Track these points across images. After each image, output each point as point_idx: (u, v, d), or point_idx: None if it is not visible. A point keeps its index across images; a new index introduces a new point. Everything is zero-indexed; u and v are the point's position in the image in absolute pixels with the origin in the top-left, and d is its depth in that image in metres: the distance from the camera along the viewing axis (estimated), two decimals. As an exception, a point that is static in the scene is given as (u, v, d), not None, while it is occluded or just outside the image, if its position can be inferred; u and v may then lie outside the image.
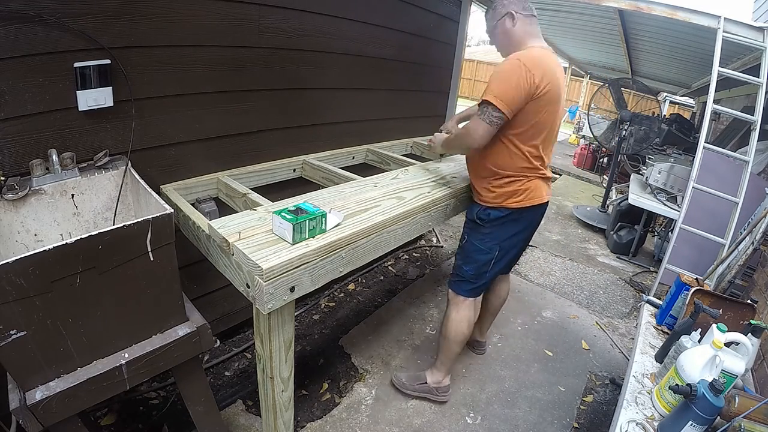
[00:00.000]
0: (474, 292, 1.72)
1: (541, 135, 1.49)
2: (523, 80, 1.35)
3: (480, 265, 1.64)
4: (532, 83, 1.36)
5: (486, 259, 1.63)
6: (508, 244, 1.64)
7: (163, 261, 1.03)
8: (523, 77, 1.35)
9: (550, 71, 1.41)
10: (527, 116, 1.43)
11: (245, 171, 1.78)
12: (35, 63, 1.14)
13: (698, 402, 0.96)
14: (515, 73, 1.36)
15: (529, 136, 1.47)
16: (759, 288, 1.87)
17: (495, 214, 1.58)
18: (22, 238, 1.16)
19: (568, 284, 3.07)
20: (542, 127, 1.47)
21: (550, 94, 1.40)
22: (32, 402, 0.88)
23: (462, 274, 1.69)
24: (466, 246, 1.68)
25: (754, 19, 4.17)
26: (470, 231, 1.67)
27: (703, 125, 2.50)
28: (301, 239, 1.13)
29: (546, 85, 1.38)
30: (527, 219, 1.62)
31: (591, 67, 8.71)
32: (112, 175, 1.29)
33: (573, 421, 1.85)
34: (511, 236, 1.63)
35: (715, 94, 2.52)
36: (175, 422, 1.58)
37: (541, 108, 1.42)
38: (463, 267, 1.68)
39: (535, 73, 1.35)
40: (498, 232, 1.61)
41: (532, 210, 1.59)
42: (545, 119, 1.46)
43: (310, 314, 2.34)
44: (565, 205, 4.94)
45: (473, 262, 1.65)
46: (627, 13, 3.68)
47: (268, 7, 1.64)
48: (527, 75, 1.35)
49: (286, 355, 1.22)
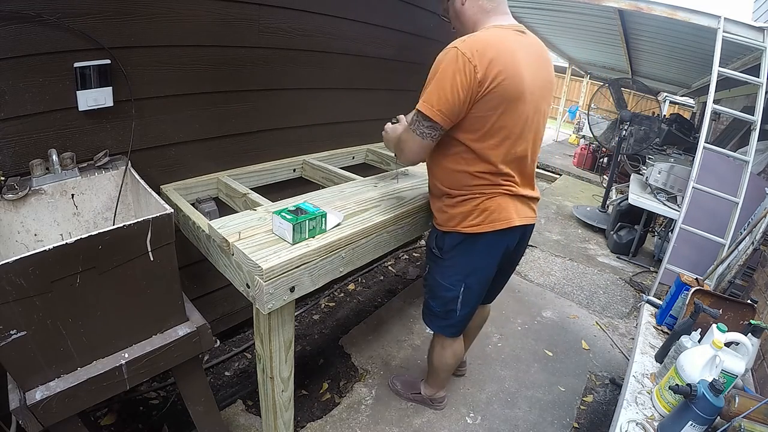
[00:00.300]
0: (449, 330, 1.47)
1: (504, 143, 1.16)
2: (462, 76, 1.04)
3: (446, 302, 1.38)
4: (473, 78, 1.04)
5: (451, 296, 1.36)
6: (474, 281, 1.33)
7: (163, 261, 1.02)
8: (461, 71, 1.04)
9: (505, 58, 1.07)
10: (476, 121, 1.12)
11: (245, 171, 1.78)
12: (35, 63, 1.14)
13: (698, 402, 0.96)
14: (450, 67, 1.05)
15: (485, 145, 1.16)
16: (759, 288, 1.87)
17: (449, 242, 1.30)
18: (22, 238, 1.16)
19: (568, 284, 3.07)
20: (501, 132, 1.14)
21: (504, 88, 1.07)
22: (32, 402, 0.88)
23: (431, 309, 1.45)
24: (429, 279, 1.42)
25: (754, 19, 4.17)
26: (431, 262, 1.40)
27: (703, 125, 2.50)
28: (301, 239, 1.13)
29: (496, 77, 1.06)
30: (491, 247, 1.28)
31: (591, 67, 8.71)
32: (112, 175, 1.29)
33: (573, 421, 1.85)
34: (476, 270, 1.32)
35: (715, 94, 2.52)
36: (175, 422, 1.58)
37: (493, 108, 1.10)
38: (430, 302, 1.44)
39: (478, 64, 1.04)
40: (460, 264, 1.31)
41: (496, 236, 1.25)
42: (506, 122, 1.13)
43: (310, 314, 2.34)
44: (565, 205, 4.94)
45: (438, 298, 1.40)
46: (627, 13, 3.68)
47: (268, 7, 1.64)
48: (466, 68, 1.04)
49: (286, 355, 1.22)
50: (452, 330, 1.47)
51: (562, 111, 9.78)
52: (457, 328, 1.46)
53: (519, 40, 1.15)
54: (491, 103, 1.09)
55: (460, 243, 1.28)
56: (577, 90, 11.29)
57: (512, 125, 1.15)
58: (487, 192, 1.22)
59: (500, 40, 1.10)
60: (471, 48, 1.05)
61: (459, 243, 1.28)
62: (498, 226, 1.23)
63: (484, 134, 1.14)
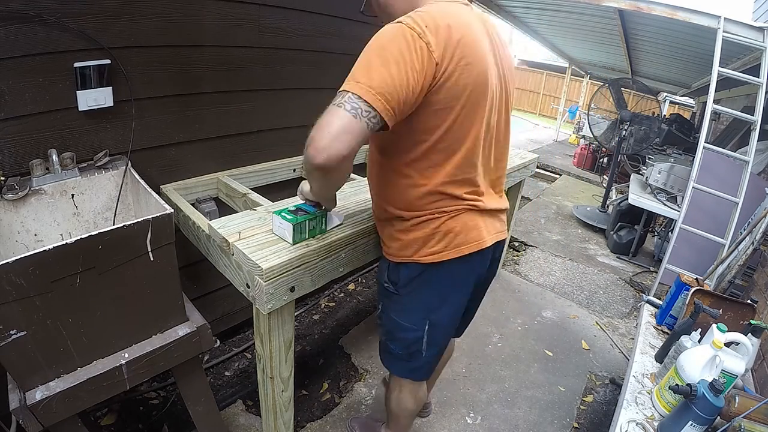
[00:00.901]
0: (416, 374, 1.21)
1: (468, 145, 0.92)
2: (412, 54, 0.76)
3: (407, 345, 1.12)
4: (427, 59, 0.78)
5: (413, 338, 1.09)
6: (441, 316, 1.07)
7: (163, 261, 1.03)
8: (411, 49, 0.76)
9: (466, 36, 0.82)
10: (431, 117, 0.86)
11: (245, 171, 1.78)
12: (35, 63, 1.14)
13: (698, 402, 0.96)
14: (395, 44, 0.77)
15: (445, 148, 0.90)
16: (759, 288, 1.87)
17: (406, 274, 1.03)
18: (22, 238, 1.16)
19: (568, 284, 3.07)
20: (464, 130, 0.90)
21: (468, 73, 0.83)
22: (32, 402, 0.88)
23: (390, 351, 1.17)
24: (383, 319, 1.15)
25: (754, 19, 4.17)
26: (384, 299, 1.13)
27: (703, 125, 2.50)
28: (301, 239, 1.13)
29: (457, 58, 0.81)
30: (460, 277, 1.04)
31: (591, 67, 8.71)
32: (112, 175, 1.29)
33: (573, 421, 1.85)
34: (443, 304, 1.06)
35: (715, 94, 2.52)
36: (175, 422, 1.58)
37: (454, 99, 0.85)
38: (388, 344, 1.17)
39: (433, 41, 0.78)
40: (421, 299, 1.05)
41: (464, 262, 1.00)
42: (470, 118, 0.89)
43: (310, 314, 2.34)
44: (565, 205, 4.94)
45: (397, 340, 1.13)
46: (627, 13, 3.67)
47: (268, 7, 1.64)
48: (417, 45, 0.77)
49: (286, 355, 1.22)
50: (419, 373, 1.21)
51: (562, 111, 9.77)
52: (425, 370, 1.20)
53: (473, 15, 0.91)
54: (451, 93, 0.84)
55: (419, 275, 1.02)
56: (577, 90, 11.28)
57: (478, 121, 0.91)
58: (449, 210, 0.97)
59: (455, 13, 0.85)
60: (419, 22, 0.78)
61: (418, 275, 1.02)
62: (466, 249, 0.99)
63: (443, 135, 0.89)
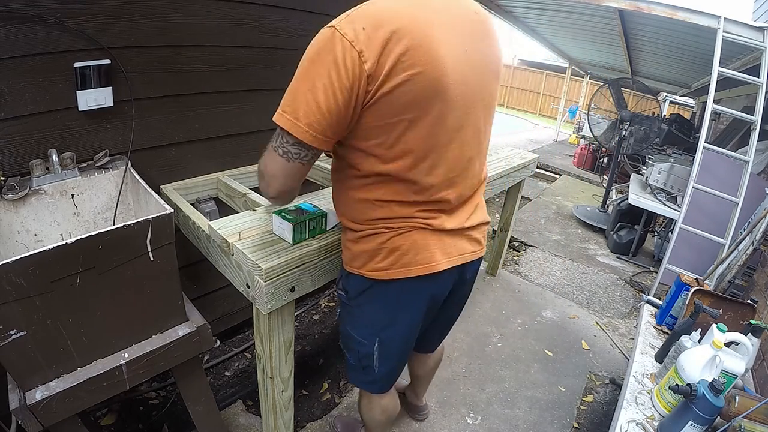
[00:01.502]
0: (371, 387, 1.17)
1: (421, 159, 0.83)
2: (339, 70, 0.70)
3: (360, 357, 1.08)
4: (357, 71, 0.70)
5: (365, 352, 1.06)
6: (391, 335, 1.02)
7: (163, 261, 1.03)
8: (338, 63, 0.70)
9: (412, 36, 0.71)
10: (372, 132, 0.79)
11: (245, 171, 1.78)
12: (35, 63, 1.14)
13: (698, 402, 0.96)
14: (323, 57, 0.71)
15: (391, 162, 0.82)
16: (759, 288, 1.87)
17: (355, 286, 0.99)
18: (22, 238, 1.16)
19: (568, 284, 3.07)
20: (414, 144, 0.80)
21: (414, 82, 0.73)
22: (32, 402, 0.88)
23: (347, 360, 1.16)
24: (341, 327, 1.12)
25: (754, 19, 4.17)
26: (341, 307, 1.09)
27: (703, 125, 2.50)
28: (301, 239, 1.13)
29: (398, 66, 0.71)
30: (409, 298, 0.97)
31: (591, 67, 8.71)
32: (112, 175, 1.29)
33: (573, 421, 1.85)
34: (392, 323, 1.00)
35: (715, 94, 2.52)
36: (175, 422, 1.58)
37: (397, 113, 0.76)
38: (345, 352, 1.16)
39: (366, 49, 0.70)
40: (369, 315, 1.01)
41: (414, 284, 0.93)
42: (421, 131, 0.79)
43: (310, 314, 2.34)
44: (565, 205, 4.94)
45: (351, 350, 1.11)
46: (627, 13, 3.67)
47: (268, 7, 1.64)
48: (346, 57, 0.70)
49: (286, 355, 1.22)
50: (374, 387, 1.17)
51: (562, 111, 9.78)
52: (380, 385, 1.16)
53: (437, 5, 0.78)
54: (394, 107, 0.75)
55: (367, 289, 0.97)
56: (577, 90, 11.28)
57: (432, 134, 0.81)
58: (395, 226, 0.89)
59: (405, 7, 0.74)
60: (355, 25, 0.70)
61: (366, 289, 0.97)
62: (415, 272, 0.90)
63: (387, 150, 0.80)
